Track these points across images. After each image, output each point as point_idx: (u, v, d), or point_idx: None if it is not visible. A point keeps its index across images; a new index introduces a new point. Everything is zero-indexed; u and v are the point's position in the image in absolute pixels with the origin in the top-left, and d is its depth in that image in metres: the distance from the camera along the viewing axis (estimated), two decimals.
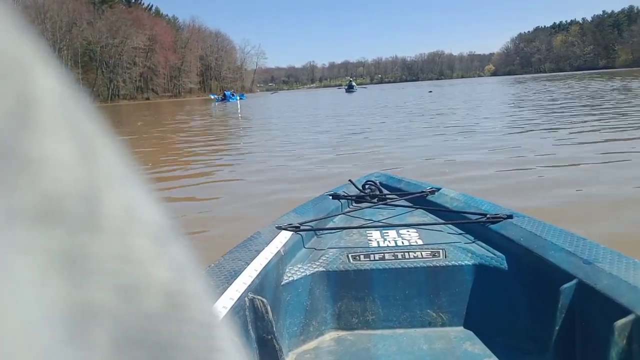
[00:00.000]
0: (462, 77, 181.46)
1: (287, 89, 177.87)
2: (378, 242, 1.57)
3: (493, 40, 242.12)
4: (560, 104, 14.24)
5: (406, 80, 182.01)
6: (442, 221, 1.74)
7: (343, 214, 1.93)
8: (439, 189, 2.00)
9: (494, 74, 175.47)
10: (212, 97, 43.39)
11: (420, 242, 1.55)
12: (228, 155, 7.90)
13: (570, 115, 10.20)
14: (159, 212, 0.15)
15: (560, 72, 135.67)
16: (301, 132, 10.89)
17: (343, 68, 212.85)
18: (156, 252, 0.14)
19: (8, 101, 0.11)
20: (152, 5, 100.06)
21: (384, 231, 1.66)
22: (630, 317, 0.95)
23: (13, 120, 0.11)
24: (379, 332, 1.42)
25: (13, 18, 0.12)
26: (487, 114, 12.45)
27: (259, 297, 1.17)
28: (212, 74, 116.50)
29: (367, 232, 1.67)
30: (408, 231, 1.65)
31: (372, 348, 1.34)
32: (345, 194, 2.08)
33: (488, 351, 1.30)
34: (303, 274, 1.44)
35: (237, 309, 1.12)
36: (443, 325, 1.43)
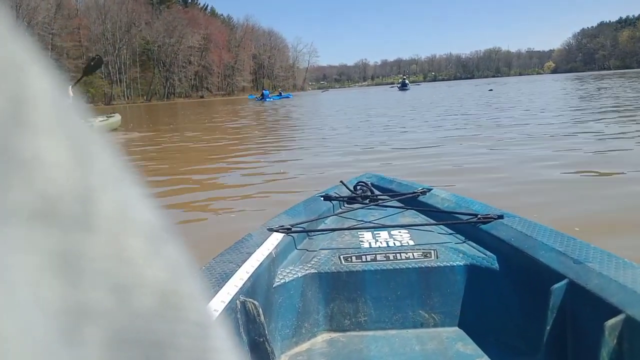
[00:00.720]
0: (520, 74, 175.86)
1: (339, 87, 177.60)
2: (370, 243, 1.57)
3: (553, 37, 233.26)
4: None
5: (460, 78, 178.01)
6: (434, 222, 1.74)
7: (335, 215, 1.90)
8: (430, 190, 1.99)
9: (554, 71, 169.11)
10: (250, 98, 43.06)
11: (411, 242, 1.55)
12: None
13: None
14: (153, 212, 0.15)
15: (627, 69, 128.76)
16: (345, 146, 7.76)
17: (395, 66, 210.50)
18: (150, 252, 0.14)
19: (3, 100, 0.11)
20: (207, 5, 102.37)
21: (375, 232, 1.66)
22: (620, 317, 0.96)
23: (6, 119, 0.11)
24: (371, 333, 1.42)
25: (5, 19, 0.12)
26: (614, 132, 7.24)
27: (250, 299, 1.16)
28: (264, 72, 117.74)
29: (359, 233, 1.66)
30: (400, 232, 1.65)
31: (364, 349, 1.35)
32: (337, 195, 2.06)
33: (480, 351, 1.31)
34: (295, 275, 1.43)
35: (229, 311, 1.12)
36: (435, 325, 1.43)
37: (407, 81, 55.21)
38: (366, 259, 1.48)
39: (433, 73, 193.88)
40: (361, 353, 1.33)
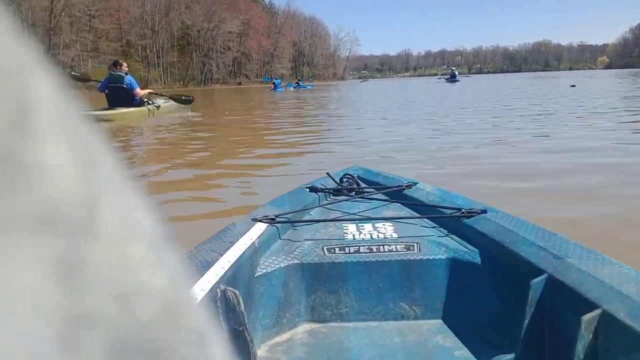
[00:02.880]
0: (571, 69, 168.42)
1: (380, 77, 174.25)
2: (354, 235, 1.58)
3: (607, 30, 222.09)
4: None
5: (507, 71, 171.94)
6: (418, 215, 1.76)
7: (320, 206, 1.90)
8: (415, 184, 2.01)
9: (608, 66, 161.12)
10: (266, 80, 40.45)
11: (395, 235, 1.57)
12: None
13: None
14: (154, 219, 0.15)
15: None
16: None
17: (439, 57, 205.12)
18: (152, 260, 0.14)
19: (7, 106, 0.11)
20: None
21: (360, 224, 1.67)
22: (597, 312, 0.97)
23: (12, 125, 0.11)
24: (352, 324, 1.43)
25: (10, 23, 0.12)
26: None
27: (231, 288, 1.16)
28: (304, 60, 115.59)
29: (343, 225, 1.68)
30: (384, 224, 1.66)
31: (344, 340, 1.35)
32: (323, 187, 2.07)
33: (459, 344, 1.32)
34: (277, 266, 1.43)
35: (208, 300, 1.12)
36: (416, 318, 1.44)
37: (456, 72, 51.64)
38: (349, 250, 1.48)
39: (478, 65, 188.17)
40: (341, 344, 1.34)
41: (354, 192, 2.03)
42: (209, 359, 0.15)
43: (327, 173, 2.23)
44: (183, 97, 12.37)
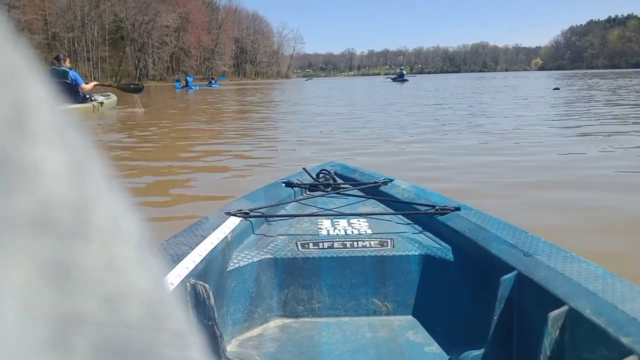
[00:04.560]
0: (507, 70, 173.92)
1: (325, 76, 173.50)
2: (328, 230, 1.58)
3: (540, 34, 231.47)
4: None
5: (447, 72, 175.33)
6: (393, 212, 1.75)
7: (295, 201, 1.90)
8: (391, 180, 2.00)
9: (541, 68, 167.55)
10: (177, 84, 38.97)
11: (369, 231, 1.56)
12: None
13: None
14: (139, 223, 0.15)
15: (615, 68, 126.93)
16: None
17: (382, 56, 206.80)
18: (138, 262, 0.14)
19: (5, 107, 0.12)
20: None
21: (334, 220, 1.67)
22: (564, 308, 0.99)
23: (9, 127, 0.11)
24: (324, 320, 1.43)
25: (7, 28, 0.12)
26: None
27: (201, 282, 1.15)
28: (247, 57, 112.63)
29: (318, 220, 1.68)
30: (358, 220, 1.66)
31: (316, 336, 1.36)
32: (299, 182, 2.06)
33: (430, 340, 1.33)
34: (250, 260, 1.42)
35: (178, 294, 1.09)
36: (387, 314, 1.45)
37: (404, 72, 50.32)
38: (323, 246, 1.48)
39: (420, 65, 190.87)
40: (313, 339, 1.34)
41: (330, 188, 2.02)
42: None
43: (304, 168, 2.19)
44: (132, 86, 11.93)
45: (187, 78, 40.81)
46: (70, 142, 0.13)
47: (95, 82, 11.59)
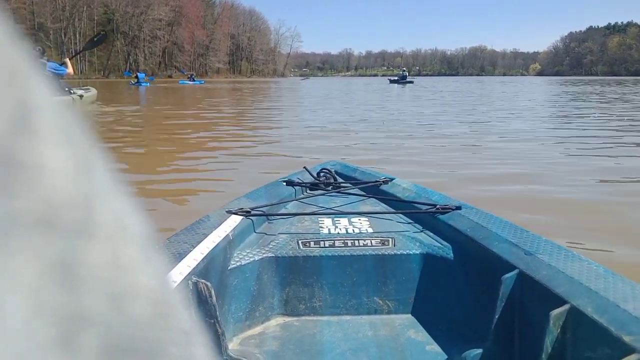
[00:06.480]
0: (504, 74, 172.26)
1: (322, 76, 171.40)
2: (329, 229, 1.59)
3: (539, 39, 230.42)
4: None
5: (445, 75, 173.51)
6: (393, 210, 1.76)
7: (296, 200, 1.91)
8: (392, 179, 2.01)
9: (540, 73, 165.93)
10: (126, 74, 37.50)
11: (370, 230, 1.57)
12: None
13: None
14: (144, 221, 0.15)
15: (614, 75, 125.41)
16: None
17: (380, 57, 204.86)
18: (143, 261, 0.14)
19: (10, 106, 0.12)
20: None
21: (335, 219, 1.68)
22: (565, 307, 0.99)
23: (14, 126, 0.11)
24: (325, 318, 1.44)
25: (10, 28, 0.12)
26: None
27: (202, 280, 1.16)
28: (242, 54, 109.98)
29: (319, 219, 1.69)
30: (359, 219, 1.67)
31: (317, 334, 1.36)
32: (300, 181, 2.07)
33: (431, 339, 1.34)
34: (251, 259, 1.43)
35: (180, 292, 1.17)
36: (389, 312, 1.45)
37: (406, 73, 47.89)
38: (324, 244, 1.48)
39: (417, 68, 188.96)
40: (314, 337, 1.34)
41: (330, 187, 2.03)
42: (194, 359, 0.15)
43: (305, 167, 2.19)
44: (95, 39, 11.94)
45: (138, 74, 39.57)
46: (75, 141, 0.13)
47: (67, 60, 10.90)
